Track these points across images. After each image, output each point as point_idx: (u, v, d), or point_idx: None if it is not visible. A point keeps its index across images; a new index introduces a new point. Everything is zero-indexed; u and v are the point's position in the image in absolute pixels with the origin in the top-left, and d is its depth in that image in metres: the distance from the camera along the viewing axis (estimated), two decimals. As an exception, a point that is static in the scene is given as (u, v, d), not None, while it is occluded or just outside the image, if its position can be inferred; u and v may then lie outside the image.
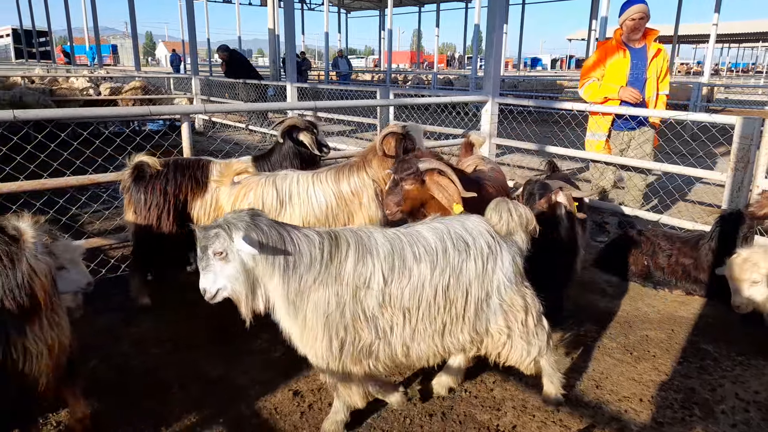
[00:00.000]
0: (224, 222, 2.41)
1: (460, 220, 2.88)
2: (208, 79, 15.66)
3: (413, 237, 2.70)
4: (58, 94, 12.98)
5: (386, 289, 2.56)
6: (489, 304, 2.80)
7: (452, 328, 2.74)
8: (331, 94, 11.18)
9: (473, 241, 2.77)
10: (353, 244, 2.57)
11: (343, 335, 2.54)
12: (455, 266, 2.69)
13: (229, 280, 2.43)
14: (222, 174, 4.20)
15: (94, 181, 4.44)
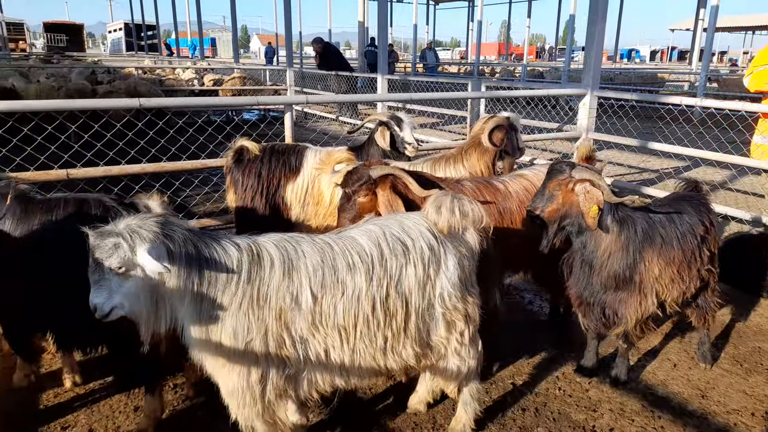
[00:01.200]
0: (127, 230, 2.01)
1: (398, 219, 2.53)
2: (302, 71, 16.17)
3: (346, 244, 2.34)
4: (166, 84, 13.98)
5: (316, 307, 2.21)
6: (432, 314, 2.46)
7: (395, 344, 2.39)
8: (420, 86, 11.21)
9: (412, 244, 2.41)
10: (277, 259, 2.21)
11: (265, 365, 2.20)
12: (393, 274, 2.34)
13: (128, 299, 2.04)
14: (323, 162, 4.36)
15: (206, 166, 4.77)
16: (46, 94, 10.61)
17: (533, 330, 4.07)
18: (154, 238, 2.00)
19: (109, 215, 2.83)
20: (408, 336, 2.41)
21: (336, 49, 14.70)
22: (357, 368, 2.35)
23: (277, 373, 2.22)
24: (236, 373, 2.17)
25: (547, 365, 3.58)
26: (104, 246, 1.97)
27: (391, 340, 2.36)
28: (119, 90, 11.42)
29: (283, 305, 2.17)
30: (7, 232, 2.79)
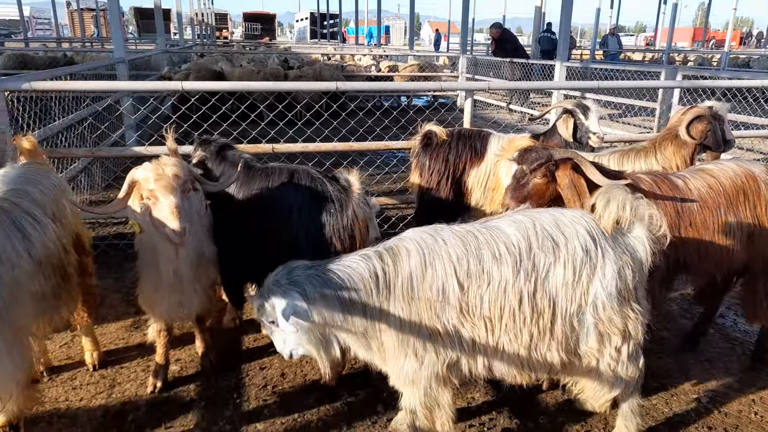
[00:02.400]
0: (268, 294, 2.26)
1: (553, 213, 2.37)
2: (475, 57, 16.13)
3: (491, 233, 2.29)
4: (347, 70, 14.89)
5: (464, 297, 2.23)
6: (582, 321, 2.30)
7: (539, 344, 2.30)
8: (603, 74, 10.53)
9: (565, 242, 2.26)
10: (416, 253, 2.26)
11: (423, 354, 2.29)
12: (541, 270, 2.24)
13: (296, 343, 2.36)
14: (504, 149, 4.38)
15: (389, 147, 5.06)
16: (247, 77, 11.97)
17: (725, 345, 3.71)
18: (283, 293, 2.21)
19: (315, 184, 3.18)
20: (554, 339, 2.29)
21: (513, 35, 14.42)
22: (499, 362, 2.33)
23: (437, 359, 2.27)
24: (399, 364, 2.30)
25: (740, 386, 3.25)
26: (256, 307, 2.31)
27: (536, 338, 2.28)
28: (307, 75, 12.46)
29: (431, 296, 2.21)
30: (233, 195, 3.26)
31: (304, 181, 3.21)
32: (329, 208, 3.10)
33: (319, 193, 3.13)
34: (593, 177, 2.87)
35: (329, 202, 3.10)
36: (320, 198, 3.12)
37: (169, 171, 2.51)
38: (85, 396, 3.03)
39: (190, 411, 2.95)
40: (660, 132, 4.50)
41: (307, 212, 3.12)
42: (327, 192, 3.13)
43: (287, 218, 3.12)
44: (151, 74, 12.40)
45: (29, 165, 2.92)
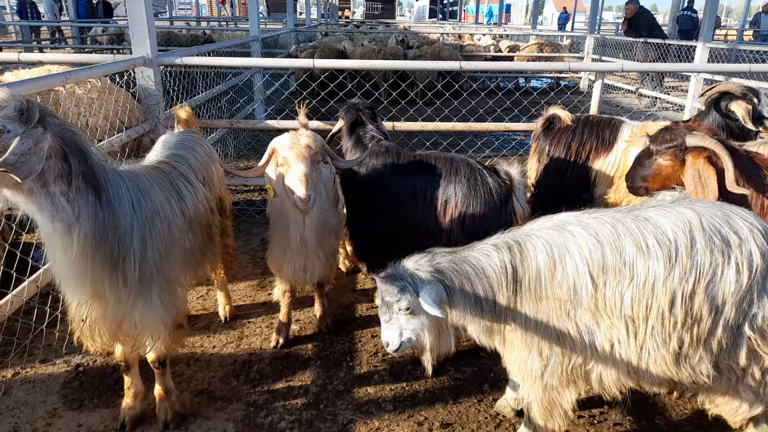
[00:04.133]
0: (408, 275, 2.17)
1: (724, 210, 2.09)
2: (604, 38, 15.18)
3: (636, 222, 2.07)
4: (466, 50, 14.69)
5: (598, 294, 2.05)
6: (738, 333, 2.02)
7: (690, 353, 2.05)
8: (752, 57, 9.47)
9: (739, 243, 1.98)
10: (543, 248, 2.13)
11: (548, 353, 2.18)
12: (704, 271, 1.97)
13: (415, 334, 2.25)
14: (634, 135, 4.14)
15: (509, 129, 4.98)
16: (368, 56, 12.22)
17: None
18: (431, 278, 2.13)
19: (475, 175, 3.10)
20: (707, 351, 2.05)
21: (650, 14, 13.32)
22: (645, 369, 2.12)
23: (562, 360, 2.17)
24: (522, 359, 2.24)
25: None
26: (392, 291, 2.16)
27: (687, 347, 2.05)
28: (426, 54, 12.47)
29: (560, 294, 2.09)
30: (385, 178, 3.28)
31: (463, 171, 3.15)
32: (489, 201, 3.04)
33: (478, 184, 3.07)
34: (727, 176, 2.59)
35: (489, 194, 3.04)
36: (479, 190, 3.06)
37: (303, 141, 2.70)
38: (218, 344, 3.38)
39: (308, 368, 3.18)
40: (822, 123, 3.99)
41: (464, 203, 3.08)
42: (487, 184, 3.08)
43: (444, 208, 3.12)
44: (279, 52, 13.11)
45: (186, 133, 3.26)
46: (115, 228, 2.20)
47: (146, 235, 2.34)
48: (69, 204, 1.99)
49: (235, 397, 2.93)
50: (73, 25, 17.61)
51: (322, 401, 2.92)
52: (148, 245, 2.36)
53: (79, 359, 3.15)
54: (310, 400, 2.93)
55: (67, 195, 1.97)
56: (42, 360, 3.15)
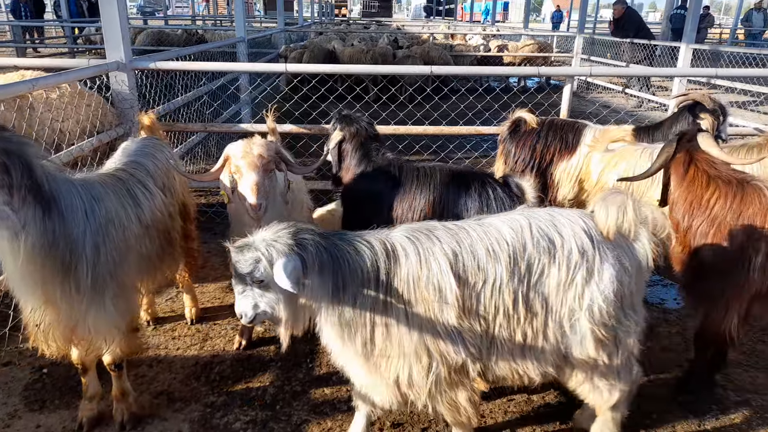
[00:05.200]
0: (263, 244, 2.08)
1: (551, 213, 2.28)
2: (593, 37, 15.24)
3: (485, 230, 2.21)
4: (456, 49, 14.75)
5: (460, 294, 2.14)
6: (575, 325, 2.20)
7: (533, 347, 2.23)
8: (737, 59, 9.53)
9: (561, 243, 2.17)
10: (412, 251, 2.16)
11: (427, 359, 2.17)
12: (534, 270, 2.16)
13: (270, 307, 2.16)
14: (597, 139, 4.22)
15: (480, 132, 5.06)
16: (357, 56, 12.30)
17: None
18: (288, 251, 2.04)
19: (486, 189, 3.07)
20: (547, 341, 2.24)
21: (638, 15, 13.39)
22: (495, 365, 2.27)
23: (443, 364, 2.18)
24: (396, 370, 2.19)
25: (840, 411, 2.96)
26: (245, 261, 2.07)
27: (530, 341, 2.23)
28: (415, 55, 12.54)
29: (427, 295, 2.13)
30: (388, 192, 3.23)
31: (474, 184, 3.11)
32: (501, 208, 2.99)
33: (490, 198, 3.05)
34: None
35: (501, 209, 2.98)
36: (492, 204, 3.03)
37: (256, 150, 2.77)
38: (182, 346, 3.46)
39: (268, 370, 3.26)
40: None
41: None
42: (499, 198, 3.05)
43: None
44: (270, 52, 13.17)
45: (147, 140, 3.33)
46: (67, 236, 2.27)
47: (100, 243, 2.41)
48: (14, 213, 2.06)
49: (194, 399, 3.01)
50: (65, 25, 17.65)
51: (279, 402, 3.00)
52: (102, 252, 2.42)
53: (43, 362, 3.22)
54: (267, 401, 3.01)
55: (10, 204, 2.04)
56: (6, 363, 3.22)
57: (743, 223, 2.67)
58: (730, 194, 2.75)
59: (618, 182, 3.92)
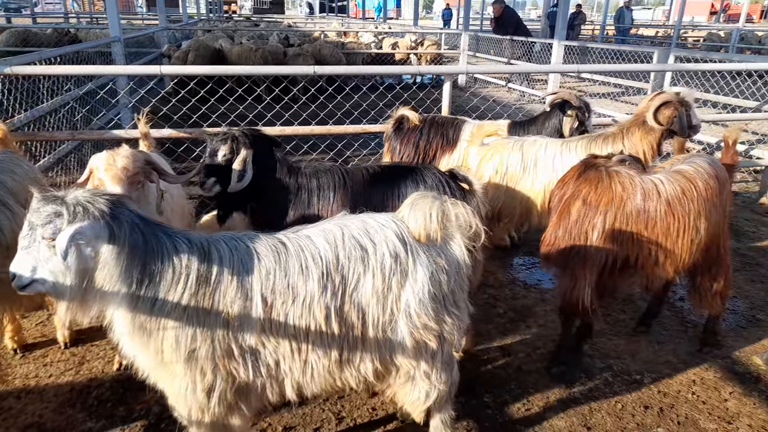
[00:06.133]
0: (73, 201, 1.84)
1: (364, 220, 2.23)
2: (477, 34, 15.96)
3: (301, 244, 2.12)
4: (348, 47, 14.83)
5: (266, 314, 2.03)
6: (395, 330, 2.17)
7: (351, 358, 2.18)
8: (600, 54, 10.41)
9: (373, 249, 2.13)
10: (228, 260, 2.03)
11: (212, 377, 2.04)
12: (349, 281, 2.10)
13: (53, 275, 1.85)
14: (473, 135, 4.44)
15: (367, 131, 5.13)
16: (246, 55, 12.00)
17: (679, 328, 3.80)
18: (99, 216, 1.83)
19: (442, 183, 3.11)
20: (366, 350, 2.18)
21: (515, 13, 14.20)
22: (310, 381, 2.17)
23: (226, 384, 2.06)
24: (179, 382, 2.05)
25: (684, 367, 3.36)
26: (43, 212, 1.82)
27: (347, 353, 2.16)
28: (306, 53, 12.45)
29: (231, 311, 2.00)
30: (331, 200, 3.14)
31: (429, 179, 3.14)
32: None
33: (446, 191, 3.07)
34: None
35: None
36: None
37: (120, 162, 2.62)
38: (54, 372, 3.22)
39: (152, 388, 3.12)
40: (629, 118, 4.52)
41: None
42: (454, 190, 3.09)
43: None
44: (153, 51, 12.49)
45: (2, 154, 3.05)
46: None
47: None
48: None
49: (69, 427, 2.81)
50: None
51: (164, 420, 2.88)
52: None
53: None
54: (151, 420, 2.88)
55: None
56: None
57: (582, 202, 2.96)
58: (574, 175, 3.04)
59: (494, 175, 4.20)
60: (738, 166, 4.35)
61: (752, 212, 5.96)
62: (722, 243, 3.30)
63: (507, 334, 3.68)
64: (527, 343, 3.59)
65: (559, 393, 3.13)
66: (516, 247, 5.07)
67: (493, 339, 3.61)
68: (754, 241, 5.19)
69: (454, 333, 2.28)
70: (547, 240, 3.17)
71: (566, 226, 3.06)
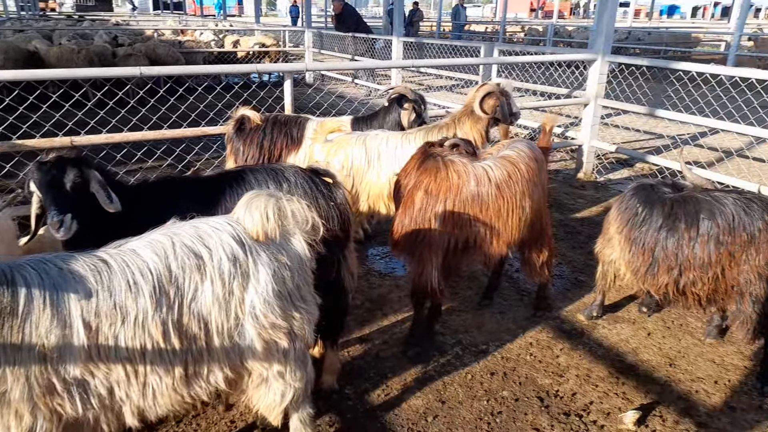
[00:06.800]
0: None
1: (196, 225, 2.13)
2: (320, 32, 16.05)
3: (126, 259, 1.97)
4: (186, 46, 14.05)
5: (91, 340, 1.85)
6: (242, 334, 2.11)
7: (198, 370, 2.08)
8: (437, 49, 11.05)
9: (209, 255, 2.05)
10: (37, 286, 1.81)
11: (30, 419, 1.81)
12: (186, 292, 2.00)
13: None
14: (316, 132, 4.47)
15: (206, 133, 4.91)
16: (66, 57, 10.85)
17: (516, 297, 4.18)
18: None
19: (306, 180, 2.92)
20: (214, 360, 2.10)
21: (354, 10, 14.51)
22: (152, 404, 2.02)
23: (50, 424, 1.86)
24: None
25: (522, 332, 3.70)
26: None
27: (193, 366, 2.06)
28: (139, 53, 11.58)
29: (48, 342, 1.79)
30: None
31: (294, 178, 2.92)
32: (329, 202, 2.90)
33: (314, 189, 2.92)
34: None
35: (328, 196, 2.91)
36: (318, 194, 2.90)
37: None
38: None
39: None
40: (460, 108, 4.85)
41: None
42: (320, 185, 2.94)
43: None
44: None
45: None
46: None
47: None
48: None
49: None
50: None
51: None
52: None
53: None
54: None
55: None
56: None
57: (424, 192, 3.14)
58: (415, 166, 3.21)
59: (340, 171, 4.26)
60: (552, 148, 4.90)
61: (570, 187, 6.74)
62: (544, 218, 3.68)
63: (365, 324, 3.76)
64: (384, 330, 3.71)
65: (415, 373, 3.27)
66: (369, 238, 5.20)
67: (352, 331, 3.67)
68: (574, 213, 5.88)
69: (304, 327, 2.26)
70: (395, 229, 3.31)
71: (411, 214, 3.21)
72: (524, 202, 3.31)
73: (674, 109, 6.82)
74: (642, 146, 8.54)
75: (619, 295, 4.13)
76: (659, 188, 3.37)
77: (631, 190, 3.46)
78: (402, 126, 4.89)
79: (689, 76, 6.22)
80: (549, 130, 3.99)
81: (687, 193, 3.26)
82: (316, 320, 2.38)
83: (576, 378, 3.24)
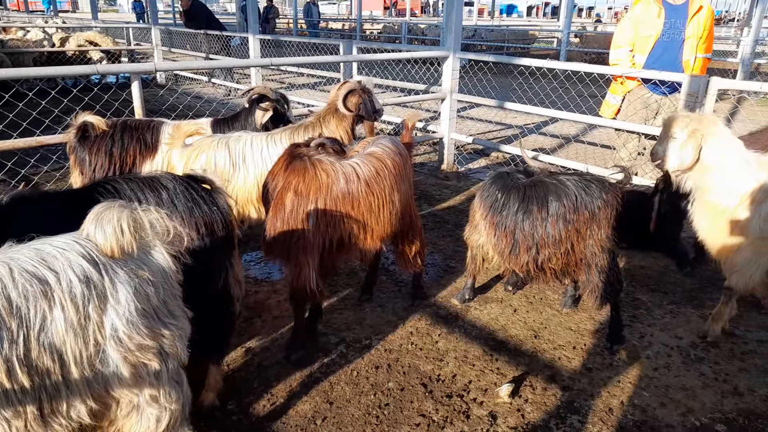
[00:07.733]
0: None
1: (37, 247, 1.89)
2: (169, 29, 15.10)
3: None
4: (10, 45, 12.42)
5: None
6: (105, 360, 1.92)
7: (57, 407, 1.87)
8: (295, 47, 10.93)
9: (56, 279, 1.82)
10: None
11: None
12: (32, 323, 1.77)
13: None
14: (173, 136, 4.19)
15: (43, 143, 4.39)
16: None
17: (394, 289, 4.28)
18: None
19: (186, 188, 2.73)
20: (74, 393, 1.89)
21: (204, 6, 13.81)
22: None
23: None
24: None
25: (402, 323, 3.81)
26: None
27: (49, 404, 1.85)
28: (-51, 54, 10.03)
29: None
30: None
31: (172, 186, 2.70)
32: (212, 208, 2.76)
33: (195, 196, 2.73)
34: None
35: (211, 202, 2.77)
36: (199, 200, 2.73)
37: None
38: None
39: None
40: (324, 107, 4.84)
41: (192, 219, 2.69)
42: (200, 192, 2.77)
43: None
44: None
45: None
46: None
47: None
48: None
49: None
50: None
51: None
52: None
53: None
54: None
55: None
56: None
57: (294, 193, 3.09)
58: (282, 167, 3.15)
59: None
60: (416, 143, 5.08)
61: (436, 178, 7.06)
62: (412, 210, 3.80)
63: (244, 334, 3.62)
64: (265, 337, 3.60)
65: (300, 378, 3.22)
66: (242, 243, 5.00)
67: (231, 342, 3.50)
68: (441, 203, 6.16)
69: (176, 345, 2.10)
70: (267, 233, 3.21)
71: (283, 217, 3.13)
72: (393, 197, 3.39)
73: (519, 101, 7.46)
74: (495, 136, 9.21)
75: (487, 277, 4.41)
76: (514, 175, 3.64)
77: (490, 179, 3.69)
78: (266, 127, 4.76)
79: (530, 70, 6.81)
80: (411, 127, 4.13)
81: (536, 178, 3.56)
82: (188, 335, 2.21)
83: (455, 360, 3.40)
